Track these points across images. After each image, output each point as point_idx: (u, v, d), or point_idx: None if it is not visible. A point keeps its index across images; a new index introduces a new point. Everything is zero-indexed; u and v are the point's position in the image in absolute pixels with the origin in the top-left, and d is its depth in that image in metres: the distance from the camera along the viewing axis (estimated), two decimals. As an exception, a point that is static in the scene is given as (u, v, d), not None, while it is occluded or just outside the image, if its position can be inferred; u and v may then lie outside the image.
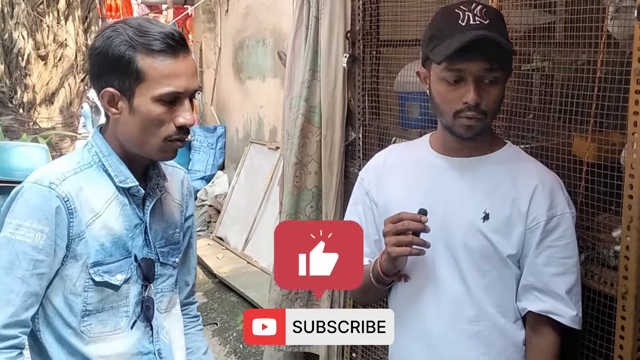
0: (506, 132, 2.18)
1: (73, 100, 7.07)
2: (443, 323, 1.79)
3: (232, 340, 5.07)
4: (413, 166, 1.88)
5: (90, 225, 1.58)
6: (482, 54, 1.63)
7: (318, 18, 3.03)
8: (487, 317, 1.76)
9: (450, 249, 1.77)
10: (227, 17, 8.42)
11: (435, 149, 1.85)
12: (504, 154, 1.82)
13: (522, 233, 1.74)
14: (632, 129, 1.62)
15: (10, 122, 6.63)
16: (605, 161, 1.83)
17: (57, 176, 1.56)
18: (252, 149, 7.51)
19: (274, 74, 7.13)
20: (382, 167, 1.93)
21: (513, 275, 1.78)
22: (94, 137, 1.67)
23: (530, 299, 1.77)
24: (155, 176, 1.72)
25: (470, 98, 1.65)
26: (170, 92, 1.55)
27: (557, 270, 1.75)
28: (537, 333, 1.77)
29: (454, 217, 1.77)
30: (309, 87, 3.10)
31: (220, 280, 6.11)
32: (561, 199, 1.77)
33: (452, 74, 1.67)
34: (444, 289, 1.78)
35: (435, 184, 1.81)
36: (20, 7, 6.54)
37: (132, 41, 1.55)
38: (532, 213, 1.74)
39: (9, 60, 6.63)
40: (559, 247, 1.75)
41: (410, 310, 1.83)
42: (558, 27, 2.21)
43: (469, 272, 1.76)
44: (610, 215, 1.83)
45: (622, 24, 1.81)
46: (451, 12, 1.69)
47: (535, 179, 1.76)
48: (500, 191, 1.76)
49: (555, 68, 2.20)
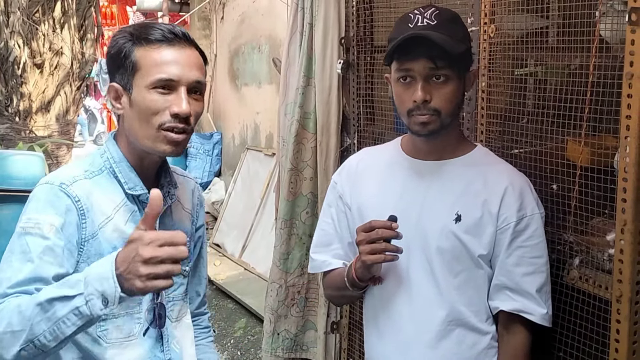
0: (500, 136, 2.19)
1: (69, 109, 7.05)
2: (416, 324, 1.83)
3: (230, 347, 5.06)
4: (385, 170, 1.91)
5: (102, 227, 1.57)
6: (424, 53, 1.69)
7: (312, 24, 3.04)
8: (458, 317, 1.81)
9: (424, 251, 1.81)
10: (223, 24, 8.43)
11: (406, 152, 1.90)
12: (474, 156, 1.87)
13: (492, 233, 1.79)
14: (624, 133, 1.63)
15: (6, 131, 6.61)
16: (598, 165, 1.83)
17: (68, 178, 1.56)
18: (248, 155, 7.51)
19: (270, 81, 7.14)
20: (355, 171, 1.96)
21: (485, 275, 1.82)
22: (107, 143, 1.67)
23: (502, 298, 1.81)
24: (167, 184, 1.72)
25: (417, 96, 1.71)
26: (161, 78, 1.54)
27: (527, 269, 1.79)
28: (509, 331, 1.82)
29: (428, 219, 1.81)
30: (304, 94, 3.10)
31: (217, 287, 6.10)
32: (531, 200, 1.82)
33: (402, 73, 1.74)
34: (417, 291, 1.82)
35: (407, 187, 1.85)
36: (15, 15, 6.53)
37: (131, 36, 1.58)
38: (502, 214, 1.78)
39: (4, 68, 6.62)
40: (528, 247, 1.80)
41: (384, 312, 1.87)
42: (551, 31, 2.22)
43: (441, 273, 1.80)
44: (604, 219, 1.84)
45: (614, 28, 1.81)
46: (406, 16, 1.77)
47: (506, 181, 1.81)
48: (471, 193, 1.80)
49: (548, 72, 2.21)
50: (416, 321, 1.83)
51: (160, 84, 1.55)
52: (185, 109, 1.56)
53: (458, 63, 1.74)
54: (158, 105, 1.55)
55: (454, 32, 1.74)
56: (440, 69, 1.71)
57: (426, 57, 1.69)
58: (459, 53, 1.72)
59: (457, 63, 1.74)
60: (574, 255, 1.90)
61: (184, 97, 1.56)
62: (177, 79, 1.55)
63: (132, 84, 1.57)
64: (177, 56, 1.57)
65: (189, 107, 1.56)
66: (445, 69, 1.71)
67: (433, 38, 1.67)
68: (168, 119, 1.55)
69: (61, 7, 6.80)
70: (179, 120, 1.56)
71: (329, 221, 1.98)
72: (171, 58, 1.56)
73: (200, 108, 1.63)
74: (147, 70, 1.55)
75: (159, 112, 1.55)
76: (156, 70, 1.55)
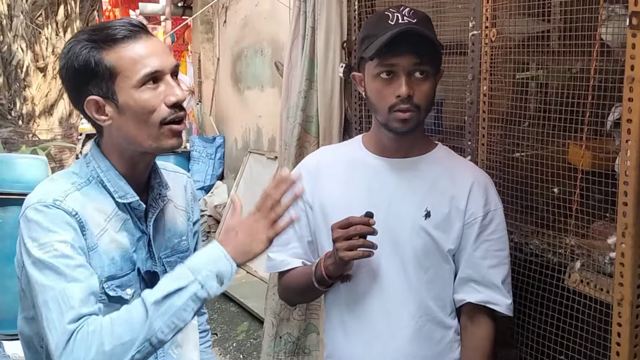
0: (502, 140, 2.19)
1: (72, 112, 7.06)
2: (388, 320, 1.85)
3: (232, 350, 5.06)
4: (349, 168, 1.93)
5: (100, 238, 1.53)
6: (411, 48, 1.73)
7: (314, 28, 3.04)
8: (428, 312, 1.85)
9: (395, 247, 1.83)
10: (226, 27, 8.44)
11: (370, 150, 1.92)
12: (438, 154, 1.92)
13: (460, 228, 1.85)
14: (625, 137, 1.63)
15: (10, 134, 6.62)
16: (600, 169, 1.83)
17: (59, 193, 1.50)
18: (251, 158, 7.52)
19: (273, 84, 7.15)
20: (316, 170, 1.97)
21: (452, 269, 1.88)
22: (92, 152, 1.61)
23: (468, 290, 1.87)
24: (157, 185, 1.68)
25: (402, 91, 1.73)
26: (149, 72, 1.50)
27: (492, 262, 1.87)
28: (474, 322, 1.89)
29: (397, 216, 1.83)
30: (306, 97, 3.11)
31: (220, 291, 6.10)
32: (494, 196, 1.90)
33: (385, 68, 1.75)
34: (389, 287, 1.85)
35: (374, 185, 1.87)
36: (18, 19, 6.54)
37: (91, 42, 1.51)
38: (469, 209, 1.85)
39: (7, 72, 6.63)
40: (493, 240, 1.87)
41: (351, 310, 1.89)
42: (553, 35, 2.22)
43: (413, 269, 1.84)
44: (606, 222, 1.84)
45: (615, 32, 1.81)
46: (381, 15, 1.79)
47: (471, 177, 1.88)
48: (439, 189, 1.85)
49: (550, 76, 2.21)
50: (388, 317, 1.85)
51: (147, 79, 1.50)
52: (181, 95, 1.53)
53: (436, 60, 1.80)
54: (152, 101, 1.51)
55: (432, 30, 1.81)
56: (423, 65, 1.75)
57: (412, 52, 1.73)
58: (436, 51, 1.78)
59: (436, 60, 1.80)
60: (575, 259, 1.90)
61: (174, 84, 1.54)
62: (160, 68, 1.52)
63: (114, 90, 1.51)
64: (150, 47, 1.53)
65: (182, 91, 1.54)
66: (427, 65, 1.76)
67: (425, 33, 1.72)
68: (167, 111, 1.52)
69: (64, 10, 6.81)
70: (179, 109, 1.54)
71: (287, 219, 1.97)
72: (146, 51, 1.52)
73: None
74: (128, 71, 1.50)
75: (156, 108, 1.51)
76: (139, 67, 1.50)
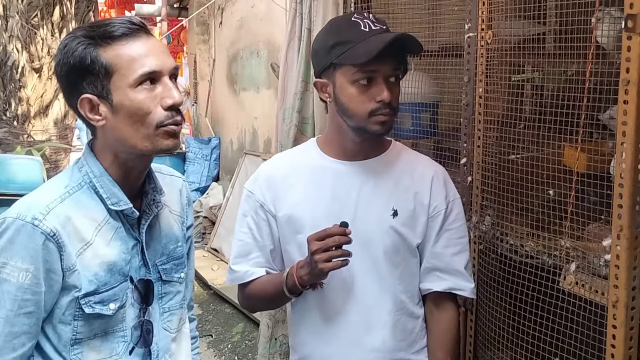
0: (497, 142, 2.19)
1: (67, 113, 7.06)
2: (365, 319, 1.89)
3: (227, 351, 5.05)
4: (311, 174, 1.93)
5: (80, 255, 1.46)
6: (393, 55, 1.77)
7: (310, 30, 3.05)
8: (401, 306, 1.91)
9: (365, 248, 1.85)
10: (221, 29, 8.44)
11: (330, 154, 1.94)
12: (394, 152, 1.96)
13: (425, 222, 1.91)
14: (620, 139, 1.63)
15: (4, 135, 6.62)
16: (595, 171, 1.84)
17: (41, 209, 1.43)
18: (246, 160, 7.51)
19: (268, 85, 7.15)
20: (274, 178, 1.96)
21: (417, 262, 1.95)
22: (85, 155, 1.55)
23: (432, 279, 1.95)
24: (152, 191, 1.61)
25: (385, 96, 1.76)
26: (146, 72, 1.45)
27: (455, 249, 1.94)
28: (440, 308, 1.96)
29: (365, 218, 1.87)
30: (302, 99, 3.11)
31: (215, 292, 6.10)
32: (452, 187, 1.98)
33: (365, 75, 1.77)
34: (363, 288, 1.88)
35: (339, 189, 1.89)
36: (14, 19, 6.54)
37: (89, 38, 1.45)
38: (433, 203, 1.92)
39: (3, 73, 6.63)
40: (454, 229, 1.95)
41: (328, 314, 1.91)
42: (548, 38, 2.23)
43: (385, 267, 1.88)
44: (601, 224, 1.84)
45: (610, 34, 1.82)
46: (349, 22, 1.81)
47: (430, 171, 1.94)
48: (402, 187, 1.90)
49: (545, 79, 2.22)
50: (365, 317, 1.88)
51: (144, 79, 1.45)
52: (179, 98, 1.48)
53: (405, 65, 1.85)
54: (148, 102, 1.45)
55: None
56: (398, 70, 1.80)
57: (393, 59, 1.77)
58: None
59: (405, 65, 1.84)
60: (570, 261, 1.90)
61: (172, 86, 1.48)
62: (159, 69, 1.46)
63: (109, 89, 1.45)
64: (149, 46, 1.47)
65: (180, 95, 1.49)
66: (399, 70, 1.81)
67: (411, 40, 1.77)
68: (164, 114, 1.46)
69: (60, 11, 6.81)
70: (176, 112, 1.48)
71: (246, 230, 1.97)
72: (145, 50, 1.46)
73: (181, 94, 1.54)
74: (125, 69, 1.44)
75: (152, 110, 1.45)
76: (136, 66, 1.44)
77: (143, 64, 1.44)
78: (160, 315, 1.64)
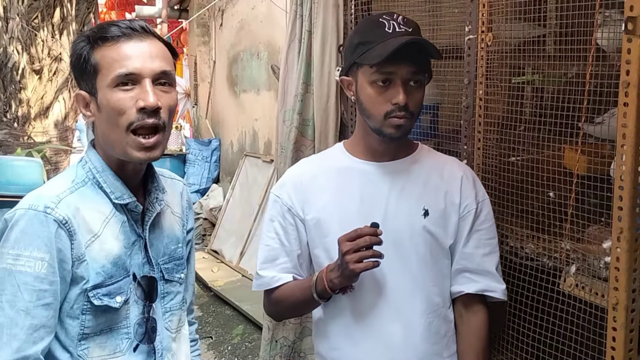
0: (498, 144, 2.19)
1: (68, 114, 7.06)
2: (400, 322, 1.86)
3: (227, 353, 5.05)
4: (339, 176, 1.93)
5: (89, 246, 1.49)
6: (411, 58, 1.76)
7: (311, 32, 3.05)
8: (434, 308, 1.89)
9: (397, 250, 1.84)
10: (222, 30, 8.45)
11: (357, 156, 1.93)
12: (422, 153, 1.96)
13: (456, 222, 1.90)
14: (621, 141, 1.63)
15: (5, 137, 6.62)
16: (595, 173, 1.83)
17: (52, 199, 1.47)
18: (246, 161, 7.52)
19: (269, 87, 7.15)
20: (301, 183, 1.96)
21: (449, 263, 1.93)
22: (88, 153, 1.59)
23: (463, 281, 1.92)
24: (154, 190, 1.64)
25: (400, 99, 1.76)
26: (120, 73, 1.46)
27: (485, 250, 1.92)
28: (470, 311, 1.93)
29: (396, 218, 1.85)
30: (302, 101, 3.11)
31: (215, 294, 6.09)
32: (481, 187, 1.98)
33: (382, 76, 1.78)
34: (396, 290, 1.86)
35: (368, 190, 1.89)
36: (14, 21, 6.54)
37: (89, 38, 1.51)
38: (463, 202, 1.91)
39: (3, 74, 6.63)
40: (484, 229, 1.93)
41: (360, 318, 1.88)
42: (549, 40, 2.23)
43: (417, 267, 1.86)
44: (601, 226, 1.84)
45: (610, 36, 1.82)
46: (376, 22, 1.81)
47: (459, 171, 1.94)
48: (432, 187, 1.89)
49: (545, 81, 2.22)
50: (399, 320, 1.86)
51: (121, 80, 1.47)
52: (152, 101, 1.46)
53: (429, 69, 1.83)
54: (122, 103, 1.46)
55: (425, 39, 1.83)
56: (419, 74, 1.79)
57: (411, 62, 1.76)
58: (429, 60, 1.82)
59: (429, 69, 1.83)
60: (571, 263, 1.90)
61: (149, 89, 1.47)
62: (137, 71, 1.47)
63: (95, 87, 1.49)
64: (137, 49, 1.49)
65: (156, 98, 1.47)
66: (421, 75, 1.80)
67: (428, 46, 1.76)
68: (135, 116, 1.47)
69: (60, 13, 6.81)
70: (148, 115, 1.47)
71: (273, 236, 1.96)
72: (130, 52, 1.48)
73: (172, 100, 1.53)
74: (106, 69, 1.47)
75: (126, 111, 1.46)
76: (115, 67, 1.47)
77: (122, 66, 1.47)
78: (162, 315, 1.66)
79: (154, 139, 1.50)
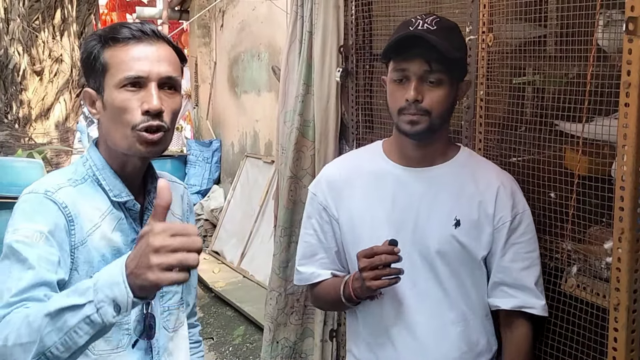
0: (498, 144, 2.19)
1: (69, 115, 7.07)
2: (428, 330, 1.85)
3: (228, 354, 5.05)
4: (373, 179, 1.92)
5: (90, 234, 1.51)
6: (420, 54, 1.74)
7: (311, 33, 3.05)
8: (464, 317, 1.86)
9: (426, 258, 1.83)
10: (222, 31, 8.45)
11: (393, 159, 1.91)
12: (461, 159, 1.91)
13: (490, 234, 1.84)
14: (622, 142, 1.63)
15: (6, 138, 6.63)
16: (596, 174, 1.83)
17: (52, 186, 1.51)
18: (247, 162, 7.52)
19: (269, 88, 7.15)
20: (337, 181, 1.96)
21: (483, 274, 1.88)
22: (89, 151, 1.62)
23: (500, 295, 1.88)
24: (154, 190, 1.64)
25: (409, 95, 1.75)
26: (128, 76, 1.50)
27: (523, 264, 1.86)
28: (511, 327, 1.89)
29: (426, 227, 1.83)
30: (303, 102, 3.10)
31: (216, 295, 6.09)
32: (521, 198, 1.90)
33: (398, 73, 1.78)
34: (425, 298, 1.84)
35: (400, 196, 1.87)
36: (15, 22, 6.55)
37: (101, 37, 1.55)
38: (498, 214, 1.85)
39: (4, 76, 6.64)
40: (523, 242, 1.87)
41: (389, 323, 1.88)
42: (549, 40, 2.23)
43: (446, 277, 1.84)
44: (602, 227, 1.84)
45: (611, 37, 1.82)
46: (408, 21, 1.81)
47: (496, 181, 1.87)
48: (466, 196, 1.85)
49: (546, 81, 2.21)
50: (431, 327, 1.85)
51: (128, 82, 1.51)
52: (156, 105, 1.50)
53: (452, 69, 1.79)
54: (128, 103, 1.50)
55: (451, 39, 1.79)
56: (434, 72, 1.76)
57: (421, 58, 1.75)
58: (453, 59, 1.76)
59: (450, 69, 1.78)
60: (572, 264, 1.90)
61: (154, 92, 1.51)
62: (145, 75, 1.51)
63: (103, 86, 1.53)
64: (146, 52, 1.52)
65: (159, 102, 1.51)
66: (439, 73, 1.76)
67: (428, 39, 1.72)
68: (140, 118, 1.50)
69: (61, 14, 6.82)
70: (152, 118, 1.51)
71: (311, 232, 1.98)
72: (139, 55, 1.52)
73: (176, 105, 1.57)
74: (115, 70, 1.51)
75: (131, 112, 1.50)
76: (124, 68, 1.51)
77: (130, 68, 1.51)
78: (160, 314, 1.67)
79: (158, 135, 1.53)
